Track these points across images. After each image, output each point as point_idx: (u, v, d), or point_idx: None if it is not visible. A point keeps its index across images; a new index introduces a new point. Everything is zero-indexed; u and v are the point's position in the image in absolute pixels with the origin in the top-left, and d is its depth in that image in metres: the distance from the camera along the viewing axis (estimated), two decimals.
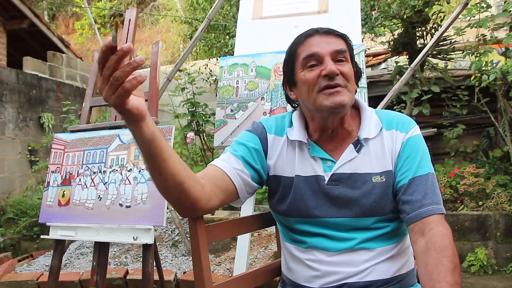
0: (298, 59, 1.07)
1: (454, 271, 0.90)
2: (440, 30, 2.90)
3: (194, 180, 0.96)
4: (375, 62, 5.80)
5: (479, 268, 3.14)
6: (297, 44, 1.09)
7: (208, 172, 1.06)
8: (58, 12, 13.27)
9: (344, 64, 1.05)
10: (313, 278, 1.07)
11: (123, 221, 1.81)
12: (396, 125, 1.09)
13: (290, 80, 1.12)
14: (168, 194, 0.95)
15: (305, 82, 1.05)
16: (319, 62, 1.04)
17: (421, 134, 1.09)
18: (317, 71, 1.03)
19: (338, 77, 1.02)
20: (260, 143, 1.14)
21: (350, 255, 1.05)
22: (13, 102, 5.24)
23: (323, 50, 1.04)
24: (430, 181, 1.02)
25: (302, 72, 1.06)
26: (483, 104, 4.15)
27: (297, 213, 1.09)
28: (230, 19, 5.58)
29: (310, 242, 1.09)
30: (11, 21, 6.13)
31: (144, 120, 0.83)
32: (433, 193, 1.01)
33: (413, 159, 1.04)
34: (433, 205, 0.99)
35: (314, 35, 1.07)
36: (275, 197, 1.14)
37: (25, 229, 4.30)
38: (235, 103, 2.10)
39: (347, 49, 1.07)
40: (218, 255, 3.22)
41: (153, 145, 0.86)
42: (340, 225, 1.06)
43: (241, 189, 1.09)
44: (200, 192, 0.97)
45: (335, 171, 1.07)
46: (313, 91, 1.04)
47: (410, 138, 1.06)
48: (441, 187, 3.58)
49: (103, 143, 2.00)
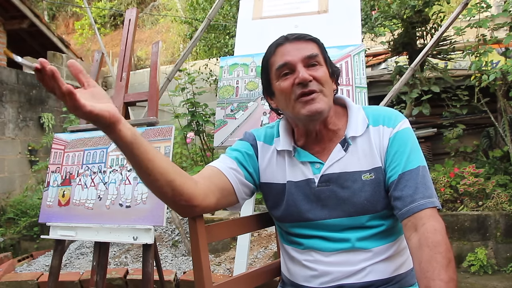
0: (272, 69, 1.08)
1: (448, 267, 0.89)
2: (440, 30, 2.90)
3: (186, 176, 0.97)
4: (375, 62, 5.81)
5: (479, 268, 3.14)
6: (269, 54, 1.09)
7: (203, 172, 1.08)
8: (58, 12, 13.28)
9: (317, 69, 1.04)
10: (311, 277, 1.08)
11: (123, 221, 1.81)
12: (383, 120, 1.07)
13: (268, 90, 1.13)
14: (161, 193, 0.95)
15: (282, 92, 1.06)
16: (291, 70, 1.04)
17: (410, 127, 1.07)
18: (291, 80, 1.03)
19: (311, 83, 1.02)
20: (252, 149, 1.16)
21: (347, 255, 1.05)
22: (13, 102, 5.24)
23: (294, 57, 1.04)
24: (421, 175, 1.00)
25: (277, 83, 1.07)
26: (483, 104, 4.15)
27: (292, 218, 1.10)
28: (230, 19, 5.58)
29: (306, 243, 1.09)
30: (11, 21, 6.13)
31: (120, 122, 0.82)
32: (424, 186, 0.99)
33: (402, 154, 1.03)
34: (424, 199, 0.97)
35: (284, 43, 1.07)
36: (269, 203, 1.16)
37: (25, 229, 4.30)
38: (235, 103, 2.10)
39: (319, 53, 1.06)
40: (218, 255, 3.22)
41: (136, 147, 0.86)
42: (335, 226, 1.06)
43: (238, 188, 1.10)
44: (194, 188, 0.98)
45: (324, 172, 1.07)
46: (290, 100, 1.04)
47: (398, 132, 1.05)
48: (441, 187, 3.58)
49: (103, 143, 2.00)
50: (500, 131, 4.20)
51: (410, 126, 1.08)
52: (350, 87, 1.90)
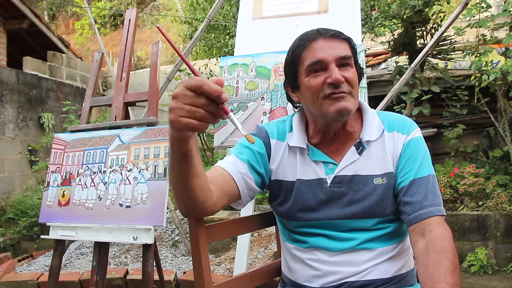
0: (303, 64, 1.05)
1: (454, 272, 0.90)
2: (440, 30, 2.90)
3: (208, 189, 0.96)
4: (375, 62, 5.81)
5: (479, 268, 3.14)
6: (301, 48, 1.05)
7: (215, 175, 1.05)
8: (58, 12, 13.28)
9: (349, 70, 1.03)
10: (314, 277, 1.08)
11: (123, 221, 1.81)
12: (398, 127, 1.09)
13: (293, 83, 1.10)
14: (181, 201, 0.95)
15: (310, 88, 1.03)
16: (323, 68, 1.02)
17: (422, 136, 1.10)
18: (322, 78, 1.01)
19: (343, 84, 1.01)
20: (264, 147, 1.14)
21: (351, 255, 1.05)
22: (13, 102, 5.24)
23: (328, 56, 1.01)
24: (431, 183, 1.02)
25: (306, 78, 1.04)
26: (483, 104, 4.15)
27: (299, 216, 1.10)
28: (230, 19, 5.58)
29: (311, 242, 1.09)
30: (11, 21, 6.13)
31: (194, 133, 0.84)
32: (434, 194, 1.01)
33: (414, 161, 1.04)
34: (433, 207, 0.99)
35: (318, 39, 1.04)
36: (277, 200, 1.15)
37: (25, 229, 4.30)
38: (235, 103, 2.10)
39: (351, 54, 1.05)
40: (218, 255, 3.22)
41: (189, 158, 0.86)
42: (342, 226, 1.07)
43: (244, 193, 1.09)
44: (209, 200, 0.97)
45: (337, 174, 1.07)
46: (318, 97, 1.03)
47: (412, 140, 1.07)
48: (441, 187, 3.58)
49: (103, 143, 2.00)
50: (500, 131, 4.20)
51: (422, 136, 1.10)
52: None
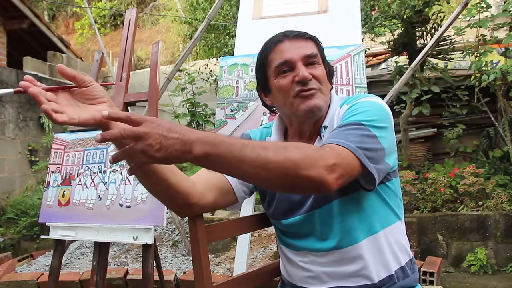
0: (271, 66, 1.07)
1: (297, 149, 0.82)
2: (440, 30, 2.90)
3: (181, 175, 0.97)
4: (375, 62, 5.81)
5: (479, 268, 3.14)
6: (268, 51, 1.08)
7: (200, 171, 1.07)
8: (58, 12, 13.27)
9: (316, 67, 1.05)
10: (309, 278, 1.07)
11: (123, 221, 1.81)
12: (348, 100, 1.06)
13: (264, 87, 1.12)
14: (156, 191, 0.96)
15: (280, 89, 1.05)
16: (291, 68, 1.04)
17: (372, 100, 1.00)
18: (290, 77, 1.03)
19: (311, 81, 1.02)
20: None
21: (340, 253, 1.02)
22: (13, 102, 5.24)
23: (294, 55, 1.03)
24: (348, 127, 0.92)
25: (275, 80, 1.06)
26: (483, 104, 4.15)
27: (283, 213, 1.10)
28: (230, 19, 5.58)
29: (300, 245, 1.09)
30: (11, 21, 6.12)
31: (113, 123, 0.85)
32: (343, 134, 0.90)
33: (343, 120, 0.97)
34: (337, 139, 0.89)
35: (284, 40, 1.06)
36: (265, 201, 1.16)
37: (25, 229, 4.30)
38: (235, 103, 2.10)
39: (318, 52, 1.06)
40: (218, 255, 3.22)
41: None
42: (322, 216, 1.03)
43: (236, 187, 1.09)
44: (190, 186, 0.97)
45: None
46: (288, 97, 1.04)
47: (352, 105, 1.00)
48: (441, 187, 3.58)
49: (103, 143, 1.99)
50: (500, 131, 4.21)
51: (378, 101, 1.01)
52: (350, 87, 1.90)
